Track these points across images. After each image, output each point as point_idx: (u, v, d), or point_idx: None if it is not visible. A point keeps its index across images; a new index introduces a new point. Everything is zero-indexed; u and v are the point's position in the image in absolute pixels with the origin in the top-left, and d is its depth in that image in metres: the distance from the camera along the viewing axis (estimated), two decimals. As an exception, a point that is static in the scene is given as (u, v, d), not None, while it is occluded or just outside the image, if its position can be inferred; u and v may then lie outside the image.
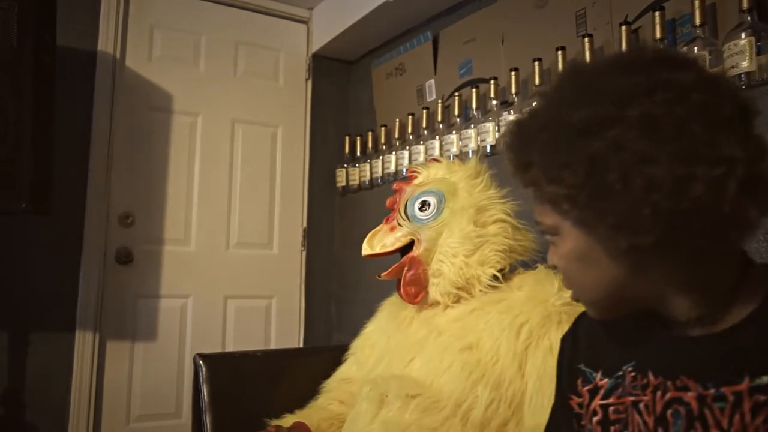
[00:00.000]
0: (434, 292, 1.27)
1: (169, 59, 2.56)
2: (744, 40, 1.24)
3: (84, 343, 2.27)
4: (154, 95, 2.51)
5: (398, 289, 1.31)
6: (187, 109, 2.58)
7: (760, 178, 0.59)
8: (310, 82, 2.85)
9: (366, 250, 1.33)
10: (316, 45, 2.82)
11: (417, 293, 1.28)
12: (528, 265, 1.33)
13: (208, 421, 1.36)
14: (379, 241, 1.32)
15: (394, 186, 1.41)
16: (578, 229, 0.66)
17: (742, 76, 1.25)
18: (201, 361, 1.43)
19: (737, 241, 0.65)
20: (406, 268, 1.29)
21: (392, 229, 1.32)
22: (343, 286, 2.77)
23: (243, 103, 2.69)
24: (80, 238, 2.30)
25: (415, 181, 1.38)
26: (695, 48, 1.34)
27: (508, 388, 1.09)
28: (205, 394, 1.39)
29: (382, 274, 1.32)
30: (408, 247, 1.32)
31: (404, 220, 1.32)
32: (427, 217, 1.29)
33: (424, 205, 1.30)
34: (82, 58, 2.36)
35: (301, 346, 2.70)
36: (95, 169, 2.35)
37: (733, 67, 1.27)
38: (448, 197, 1.30)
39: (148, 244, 2.45)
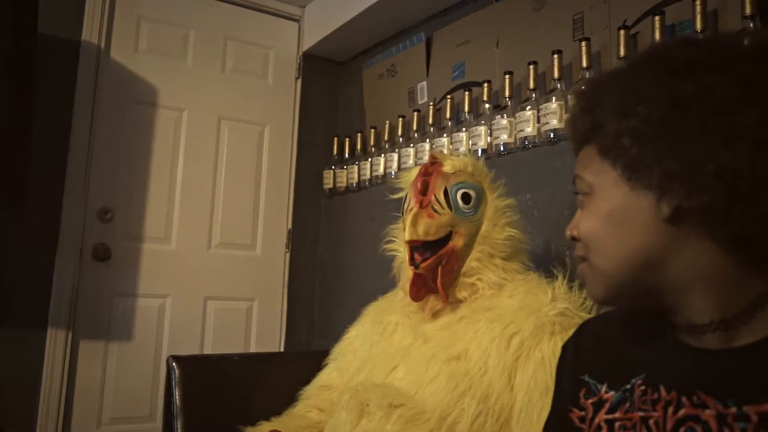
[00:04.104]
0: (460, 291, 1.20)
1: (155, 52, 2.49)
2: None
3: (56, 341, 2.19)
4: (138, 88, 2.44)
5: (414, 285, 1.20)
6: (173, 104, 2.51)
7: None
8: (299, 81, 2.79)
9: (412, 234, 1.15)
10: (307, 44, 2.76)
11: (444, 289, 1.19)
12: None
13: (178, 426, 1.30)
14: (422, 227, 1.16)
15: (425, 170, 1.25)
16: (623, 184, 0.63)
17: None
18: (174, 363, 1.36)
19: None
20: (443, 262, 1.18)
21: (430, 216, 1.18)
22: (327, 290, 2.71)
23: (230, 100, 2.63)
24: (56, 232, 2.22)
25: (445, 169, 1.25)
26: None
27: (497, 402, 1.04)
28: (177, 398, 1.32)
29: (422, 265, 1.17)
30: (440, 239, 1.20)
31: (443, 208, 1.20)
32: (469, 210, 1.21)
33: (466, 197, 1.22)
34: (65, 46, 2.29)
35: (282, 350, 2.63)
36: (74, 161, 2.27)
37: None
38: (482, 195, 1.25)
39: (127, 241, 2.37)
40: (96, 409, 2.25)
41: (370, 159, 2.42)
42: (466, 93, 1.96)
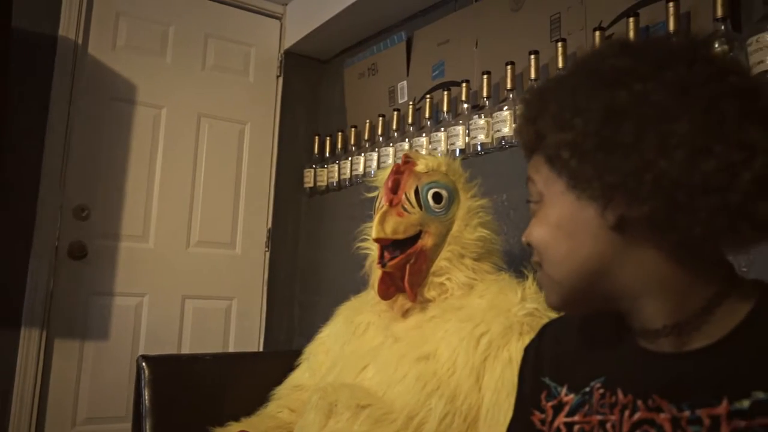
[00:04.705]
0: (429, 290, 1.20)
1: (134, 49, 2.46)
2: (717, 48, 1.21)
3: (30, 340, 2.16)
4: (116, 85, 2.41)
5: (382, 284, 1.20)
6: (152, 101, 2.48)
7: None
8: (281, 80, 2.78)
9: (379, 232, 1.15)
10: (289, 41, 2.75)
11: (412, 288, 1.19)
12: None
13: (147, 427, 1.28)
14: (391, 226, 1.17)
15: (397, 168, 1.25)
16: (569, 193, 0.62)
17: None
18: (144, 363, 1.35)
19: (736, 242, 0.60)
20: (412, 261, 1.18)
21: (399, 214, 1.18)
22: (307, 289, 2.70)
23: (210, 97, 2.61)
24: (31, 229, 2.19)
25: (418, 169, 1.25)
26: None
27: (464, 402, 1.03)
28: (146, 398, 1.30)
29: (390, 263, 1.17)
30: (409, 238, 1.19)
31: (413, 207, 1.20)
32: (440, 210, 1.21)
33: (437, 197, 1.21)
34: (41, 42, 2.26)
35: (261, 350, 2.61)
36: (50, 158, 2.24)
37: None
38: (454, 195, 1.24)
39: (103, 239, 2.34)
40: (70, 409, 2.23)
41: (350, 158, 2.41)
42: (445, 93, 1.96)
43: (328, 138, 2.59)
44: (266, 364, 1.53)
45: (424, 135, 2.01)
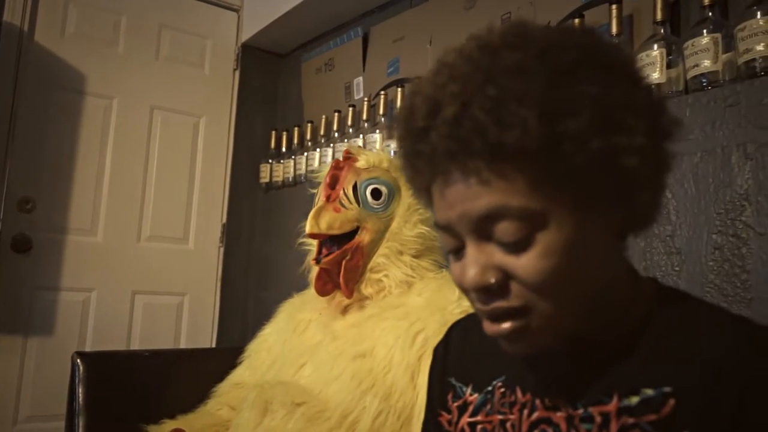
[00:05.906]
0: (366, 287, 1.19)
1: (84, 37, 2.40)
2: (656, 51, 1.23)
3: (-31, 336, 2.09)
4: (65, 74, 2.35)
5: (319, 280, 1.20)
6: (102, 91, 2.42)
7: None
8: (237, 73, 2.74)
9: (313, 227, 1.13)
10: (247, 34, 2.71)
11: (347, 285, 1.17)
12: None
13: (80, 425, 1.25)
14: (326, 221, 1.15)
15: (337, 164, 1.24)
16: (577, 209, 0.52)
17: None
18: (79, 360, 1.31)
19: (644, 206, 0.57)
20: (348, 257, 1.17)
21: (336, 210, 1.18)
22: (262, 285, 2.67)
23: (164, 89, 2.56)
24: (-29, 222, 2.13)
25: (358, 164, 1.24)
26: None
27: (399, 400, 1.03)
28: (79, 396, 1.27)
29: (324, 260, 1.16)
30: (346, 234, 1.19)
31: (350, 203, 1.19)
32: (379, 206, 1.20)
33: (376, 193, 1.20)
34: (-15, 28, 2.19)
35: (214, 346, 2.58)
36: (-7, 148, 2.18)
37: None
38: (395, 191, 1.22)
39: (49, 232, 2.28)
40: (12, 407, 2.16)
41: (306, 153, 2.39)
42: (399, 89, 1.96)
43: (284, 133, 2.56)
44: (209, 361, 1.51)
45: (378, 131, 2.00)
